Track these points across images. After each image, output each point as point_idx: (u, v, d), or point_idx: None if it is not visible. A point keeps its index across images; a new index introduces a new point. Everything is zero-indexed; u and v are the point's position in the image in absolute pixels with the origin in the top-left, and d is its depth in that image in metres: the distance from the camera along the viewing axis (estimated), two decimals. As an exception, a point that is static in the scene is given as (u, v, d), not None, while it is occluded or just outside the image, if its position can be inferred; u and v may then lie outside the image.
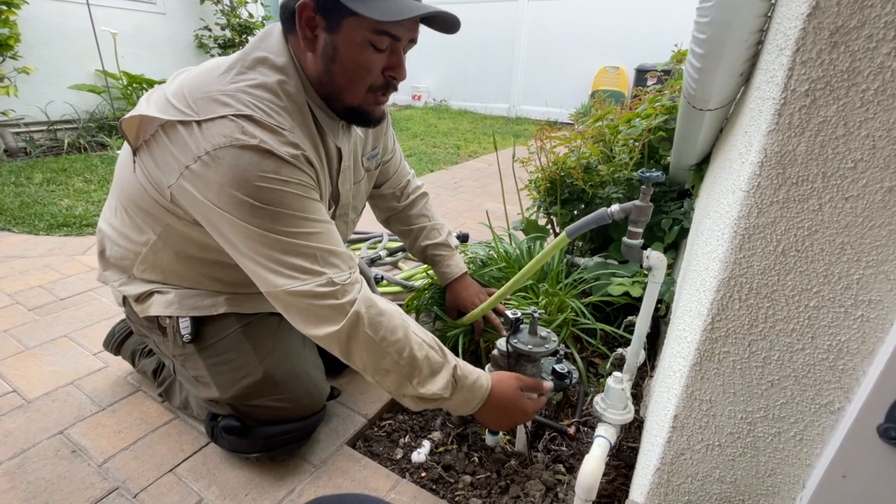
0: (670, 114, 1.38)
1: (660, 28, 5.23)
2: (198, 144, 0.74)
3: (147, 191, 0.84)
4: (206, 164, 0.73)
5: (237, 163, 0.72)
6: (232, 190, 0.73)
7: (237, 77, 0.78)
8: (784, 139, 0.45)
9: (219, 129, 0.73)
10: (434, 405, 0.84)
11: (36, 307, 1.57)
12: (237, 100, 0.75)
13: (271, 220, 0.75)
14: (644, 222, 0.89)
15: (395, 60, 0.81)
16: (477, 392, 0.85)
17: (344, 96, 0.83)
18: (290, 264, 0.76)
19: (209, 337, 0.96)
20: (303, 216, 0.77)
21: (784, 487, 0.60)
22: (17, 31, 3.20)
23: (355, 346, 0.79)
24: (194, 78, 0.80)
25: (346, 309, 0.77)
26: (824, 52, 0.41)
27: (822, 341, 0.51)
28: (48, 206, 2.45)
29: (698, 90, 0.77)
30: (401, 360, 0.80)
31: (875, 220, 0.45)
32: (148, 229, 0.90)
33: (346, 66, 0.79)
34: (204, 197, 0.75)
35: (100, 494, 0.93)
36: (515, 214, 1.78)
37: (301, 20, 0.76)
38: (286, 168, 0.75)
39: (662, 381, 0.80)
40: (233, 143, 0.72)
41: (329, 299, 0.77)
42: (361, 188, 1.09)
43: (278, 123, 0.77)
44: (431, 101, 7.27)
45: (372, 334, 0.79)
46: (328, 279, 0.77)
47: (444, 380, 0.82)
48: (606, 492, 0.96)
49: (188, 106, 0.76)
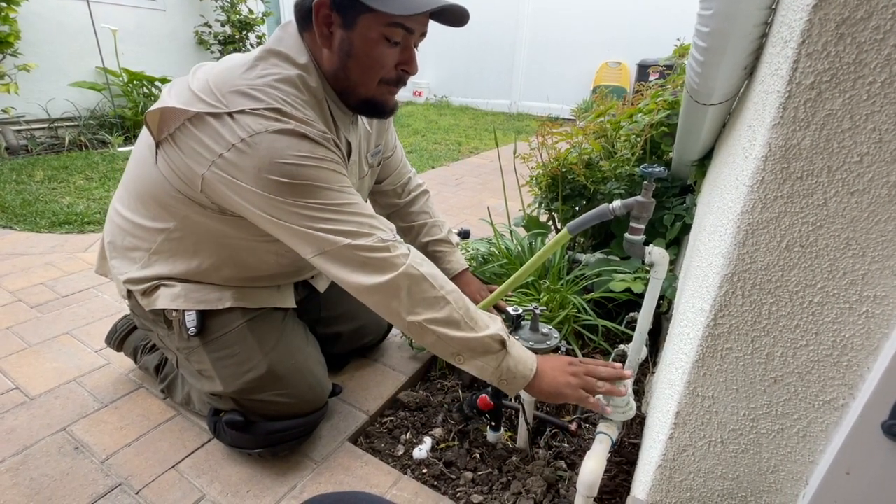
0: (673, 109, 1.37)
1: (662, 23, 5.20)
2: (232, 132, 0.76)
3: (171, 182, 0.85)
4: (242, 151, 0.76)
5: (274, 146, 0.75)
6: (271, 173, 0.75)
7: (262, 72, 0.81)
8: (789, 133, 0.44)
9: (252, 119, 0.76)
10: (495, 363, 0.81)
11: (38, 304, 1.57)
12: (265, 94, 0.78)
13: (312, 194, 0.78)
14: (646, 218, 0.88)
15: (408, 55, 0.85)
16: (526, 352, 0.85)
17: (359, 89, 0.87)
18: (337, 229, 0.79)
19: (214, 331, 0.96)
20: (340, 189, 0.81)
21: (787, 484, 0.60)
22: (17, 28, 3.20)
23: (418, 295, 0.81)
24: (219, 73, 0.82)
25: (401, 261, 0.81)
26: (830, 43, 0.41)
27: (827, 337, 0.50)
28: (49, 203, 2.46)
29: (701, 84, 0.76)
30: (458, 307, 0.82)
31: (881, 215, 0.44)
32: (164, 221, 0.91)
33: (361, 61, 0.83)
34: (242, 181, 0.77)
35: (102, 491, 0.93)
36: (517, 211, 1.78)
37: (318, 17, 0.79)
38: (320, 148, 0.80)
39: (664, 378, 0.80)
40: (269, 129, 0.76)
41: (383, 252, 0.80)
42: (365, 184, 1.11)
43: (305, 115, 0.80)
44: (432, 98, 7.25)
45: (432, 281, 0.82)
46: (378, 238, 0.81)
47: (497, 326, 0.84)
48: (608, 488, 0.96)
49: (217, 99, 0.78)
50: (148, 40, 4.34)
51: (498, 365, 0.81)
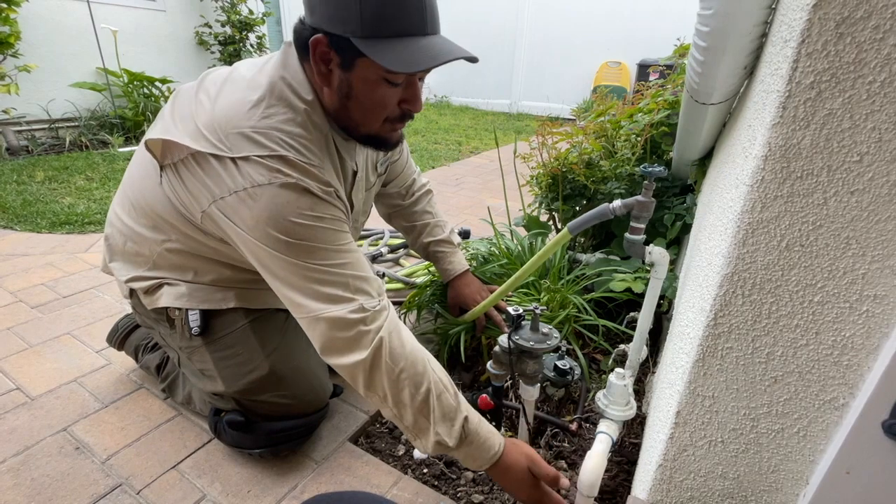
0: (673, 108, 1.37)
1: (662, 22, 5.20)
2: (234, 181, 0.75)
3: (174, 205, 0.85)
4: (243, 200, 0.75)
5: (275, 201, 0.74)
6: (268, 228, 0.74)
7: (267, 110, 0.78)
8: (789, 132, 0.44)
9: (254, 168, 0.74)
10: (442, 451, 0.80)
11: (39, 305, 1.57)
12: (270, 139, 0.76)
13: (306, 253, 0.77)
14: (646, 218, 0.88)
15: (412, 93, 0.81)
16: (485, 451, 0.81)
17: (361, 128, 0.84)
18: (323, 293, 0.77)
19: (217, 330, 0.97)
20: (335, 248, 0.79)
21: (787, 484, 0.59)
22: (17, 28, 3.20)
23: (377, 374, 0.78)
24: (225, 110, 0.78)
25: (372, 335, 0.78)
26: (830, 43, 0.41)
27: (827, 337, 0.50)
28: (50, 204, 2.46)
29: (701, 84, 0.76)
30: (417, 394, 0.78)
31: (881, 214, 0.44)
32: (167, 233, 0.91)
33: (361, 103, 0.80)
34: (239, 227, 0.77)
35: (103, 491, 0.94)
36: (517, 211, 1.78)
37: (315, 55, 0.76)
38: (321, 204, 0.78)
39: (665, 378, 0.80)
40: (272, 182, 0.74)
41: (359, 325, 0.77)
42: (372, 193, 1.12)
43: (309, 161, 0.78)
44: (432, 98, 7.25)
45: (392, 364, 0.78)
46: (359, 305, 0.78)
47: (453, 429, 0.79)
48: (609, 488, 0.96)
49: (220, 140, 0.76)
50: (148, 41, 4.34)
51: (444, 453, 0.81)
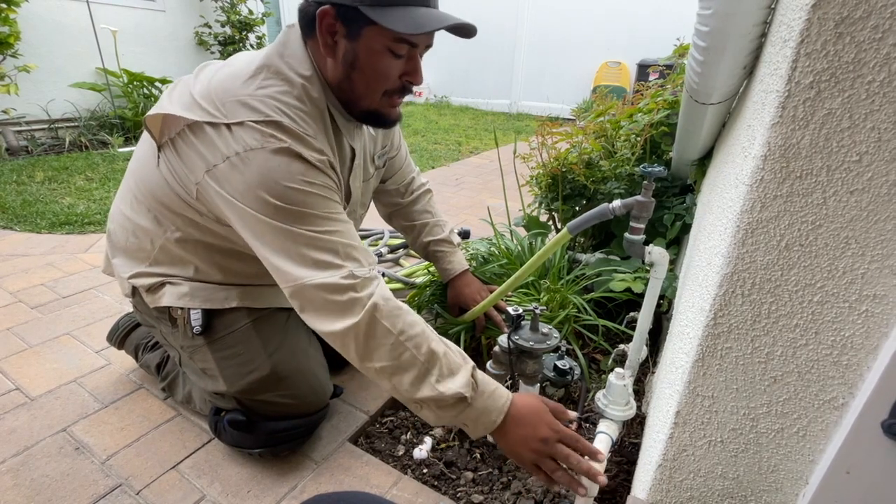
0: (672, 108, 1.37)
1: (662, 22, 5.20)
2: (227, 145, 0.76)
3: (171, 186, 0.86)
4: (235, 165, 0.75)
5: (267, 165, 0.75)
6: (259, 191, 0.75)
7: (264, 82, 0.80)
8: (788, 132, 0.44)
9: (248, 133, 0.75)
10: (454, 413, 0.78)
11: (38, 305, 1.57)
12: (266, 105, 0.77)
13: (296, 219, 0.77)
14: (646, 218, 0.89)
15: (413, 66, 0.84)
16: (497, 400, 0.79)
17: (362, 101, 0.86)
18: (312, 258, 0.77)
19: (219, 330, 0.97)
20: (325, 216, 0.80)
21: (787, 483, 0.59)
22: (17, 29, 3.20)
23: (373, 342, 0.77)
24: (221, 81, 0.81)
25: (364, 301, 0.77)
26: (829, 43, 0.41)
27: (826, 337, 0.50)
28: (50, 204, 2.46)
29: (701, 84, 0.76)
30: (419, 354, 0.77)
31: (880, 214, 0.44)
32: (167, 223, 0.91)
33: (365, 73, 0.82)
34: (230, 195, 0.77)
35: (103, 491, 0.93)
36: (517, 211, 1.78)
37: (322, 27, 0.78)
38: (312, 171, 0.79)
39: (664, 378, 0.80)
40: (264, 146, 0.75)
41: (349, 292, 0.77)
42: (370, 185, 1.12)
43: (304, 130, 0.79)
44: (432, 98, 7.25)
45: (390, 326, 0.77)
46: (349, 272, 0.78)
47: (463, 378, 0.77)
48: (608, 488, 0.96)
49: (216, 108, 0.78)
50: (148, 41, 4.35)
51: (456, 416, 0.78)
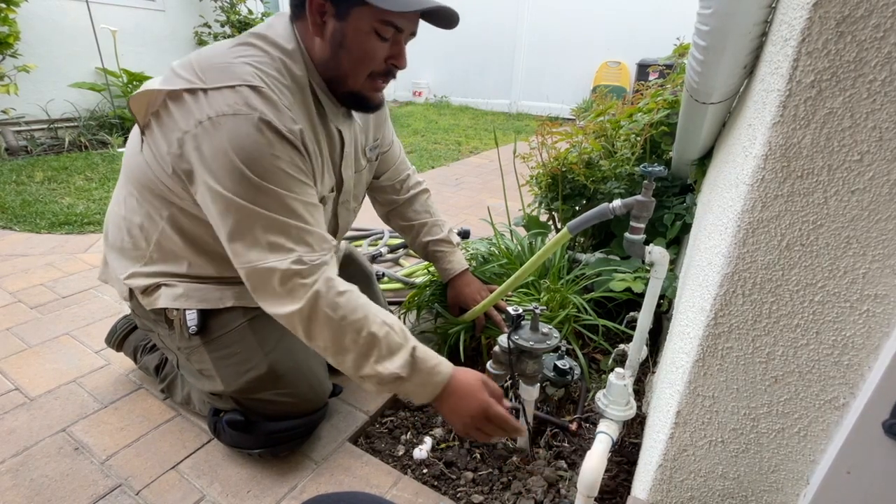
0: (672, 108, 1.37)
1: (662, 22, 5.19)
2: (201, 110, 0.77)
3: (153, 169, 0.86)
4: (206, 130, 0.76)
5: (236, 131, 0.75)
6: (227, 156, 0.76)
7: (244, 52, 0.82)
8: (789, 131, 0.44)
9: (223, 98, 0.76)
10: (392, 388, 0.83)
11: (38, 305, 1.57)
12: (244, 70, 0.79)
13: (256, 191, 0.78)
14: (646, 217, 0.88)
15: (397, 50, 0.86)
16: (435, 377, 0.84)
17: (347, 81, 0.87)
18: (265, 240, 0.79)
19: (215, 330, 0.96)
20: (286, 193, 0.80)
21: (787, 484, 0.59)
22: (16, 29, 3.20)
23: (316, 325, 0.80)
24: (203, 51, 0.84)
25: (308, 287, 0.80)
26: (830, 42, 0.40)
27: (827, 336, 0.50)
28: (49, 204, 2.45)
29: (701, 83, 0.76)
30: (359, 338, 0.81)
31: (881, 214, 0.44)
32: (156, 214, 0.91)
33: (352, 52, 0.83)
34: (198, 161, 0.78)
35: (102, 492, 0.93)
36: (517, 210, 1.78)
37: (312, 6, 0.80)
38: (281, 144, 0.79)
39: (665, 377, 0.79)
40: (236, 112, 0.76)
41: (295, 278, 0.79)
42: (363, 177, 1.12)
43: (280, 99, 0.80)
44: (432, 98, 7.25)
45: (331, 312, 0.80)
46: (298, 257, 0.80)
47: (402, 359, 0.82)
48: (609, 488, 0.96)
49: (195, 74, 0.79)
50: (147, 41, 4.34)
51: (394, 389, 0.84)
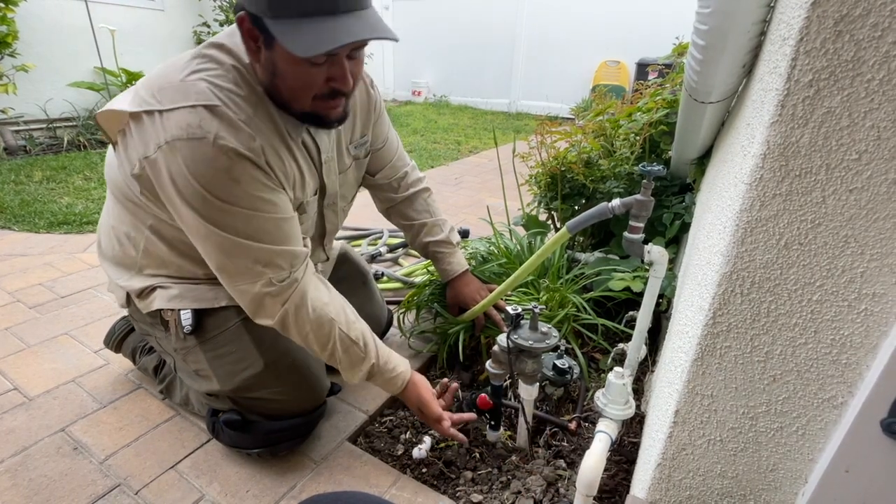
0: (671, 107, 1.37)
1: (661, 21, 5.19)
2: (157, 134, 0.75)
3: (127, 184, 0.86)
4: (165, 154, 0.75)
5: (193, 156, 0.74)
6: (187, 180, 0.75)
7: (200, 66, 0.79)
8: (787, 130, 0.44)
9: (178, 119, 0.74)
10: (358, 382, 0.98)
11: (37, 305, 1.57)
12: (197, 89, 0.76)
13: (220, 214, 0.78)
14: (645, 217, 0.88)
15: (337, 71, 0.77)
16: (391, 386, 0.99)
17: (292, 104, 0.82)
18: (231, 265, 0.82)
19: (210, 329, 0.96)
20: (252, 213, 0.79)
21: (786, 482, 0.59)
22: (14, 28, 3.19)
23: (287, 332, 0.90)
24: (161, 68, 0.82)
25: (278, 306, 0.86)
26: (828, 41, 0.40)
27: (826, 335, 0.50)
28: (48, 203, 2.45)
29: (700, 82, 0.76)
30: (323, 352, 0.91)
31: (880, 213, 0.44)
32: (140, 224, 0.91)
33: (287, 81, 0.78)
34: (161, 185, 0.78)
35: (101, 491, 0.93)
36: (516, 210, 1.78)
37: (243, 32, 0.75)
38: (240, 164, 0.77)
39: (664, 377, 0.80)
40: (190, 136, 0.74)
41: (265, 298, 0.85)
42: (349, 177, 1.09)
43: (236, 115, 0.77)
44: (431, 97, 7.24)
45: (298, 331, 0.88)
46: (267, 279, 0.83)
47: (360, 373, 0.95)
48: (608, 487, 0.96)
49: (152, 95, 0.77)
50: (146, 40, 4.34)
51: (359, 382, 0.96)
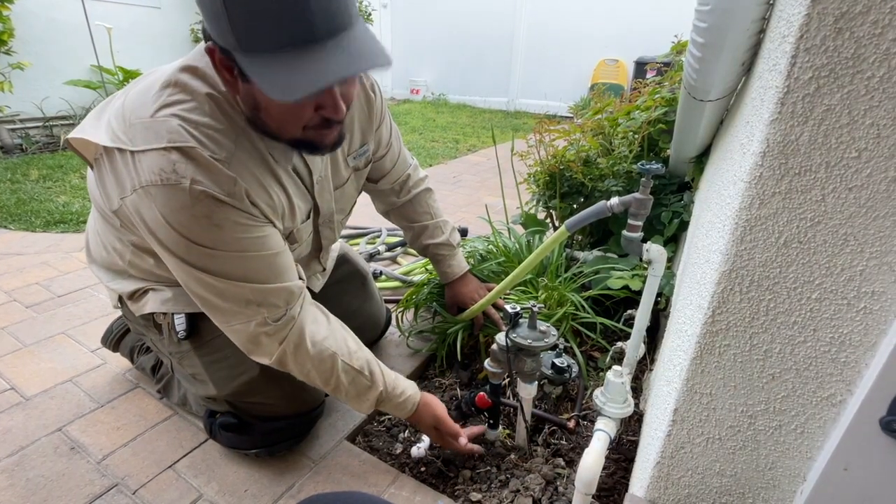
0: (670, 105, 1.37)
1: (659, 19, 5.19)
2: (132, 177, 0.71)
3: (110, 212, 0.83)
4: (141, 198, 0.71)
5: (170, 204, 0.70)
6: (167, 227, 0.71)
7: (169, 98, 0.72)
8: (787, 128, 0.44)
9: (150, 163, 0.69)
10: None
11: (33, 304, 1.56)
12: (169, 127, 0.69)
13: (207, 259, 0.74)
14: (644, 215, 0.88)
15: (327, 100, 0.70)
16: (401, 410, 0.96)
17: (281, 135, 0.76)
18: (225, 306, 0.79)
19: (205, 334, 0.95)
20: (239, 254, 0.75)
21: (785, 480, 0.60)
22: (10, 26, 3.17)
23: (288, 369, 0.87)
24: (133, 97, 0.75)
25: (275, 345, 0.83)
26: (829, 38, 0.40)
27: (825, 334, 0.50)
28: (45, 202, 2.44)
29: (699, 80, 0.76)
30: (327, 386, 0.89)
31: (879, 211, 0.44)
32: (124, 238, 0.89)
33: (271, 114, 0.72)
34: (142, 228, 0.75)
35: (99, 491, 0.93)
36: (515, 208, 1.78)
37: (215, 63, 0.68)
38: (220, 209, 0.72)
39: (662, 375, 0.80)
40: (164, 182, 0.68)
41: (262, 336, 0.82)
42: (347, 190, 1.04)
43: (213, 153, 0.71)
44: (430, 95, 7.23)
45: (298, 369, 0.86)
46: (262, 319, 0.80)
47: (366, 404, 0.93)
48: (606, 485, 0.96)
49: (124, 132, 0.72)
50: (143, 38, 4.32)
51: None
